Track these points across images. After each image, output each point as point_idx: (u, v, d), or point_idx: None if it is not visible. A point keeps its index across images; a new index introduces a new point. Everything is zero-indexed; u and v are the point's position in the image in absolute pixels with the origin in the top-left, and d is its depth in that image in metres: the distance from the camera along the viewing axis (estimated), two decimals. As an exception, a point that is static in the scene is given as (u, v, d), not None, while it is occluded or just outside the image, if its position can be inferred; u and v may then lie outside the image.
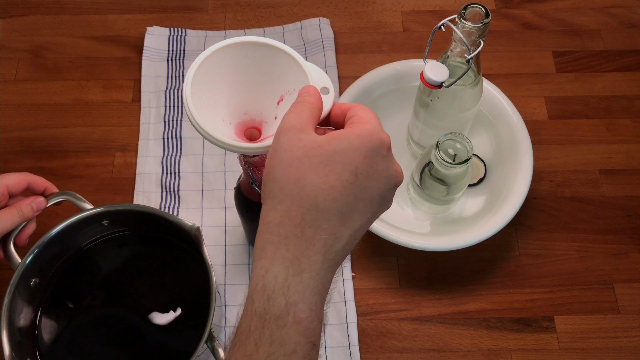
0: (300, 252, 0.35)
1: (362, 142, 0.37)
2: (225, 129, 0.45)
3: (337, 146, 0.36)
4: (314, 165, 0.36)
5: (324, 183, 0.35)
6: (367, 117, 0.38)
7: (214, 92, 0.44)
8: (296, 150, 0.36)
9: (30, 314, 0.61)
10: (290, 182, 0.36)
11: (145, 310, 0.63)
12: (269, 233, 0.36)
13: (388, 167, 0.38)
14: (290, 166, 0.36)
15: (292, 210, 0.35)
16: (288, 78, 0.44)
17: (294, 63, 0.43)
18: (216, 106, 0.44)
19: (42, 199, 0.62)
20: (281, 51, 0.44)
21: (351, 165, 0.36)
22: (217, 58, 0.44)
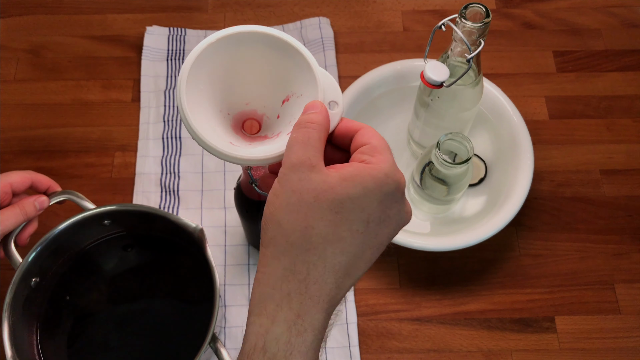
0: (304, 310, 0.32)
1: (377, 185, 0.33)
2: (223, 121, 0.42)
3: (351, 191, 0.33)
4: (323, 213, 0.33)
5: (333, 234, 0.33)
6: (382, 152, 0.35)
7: (214, 80, 0.41)
8: (305, 193, 0.33)
9: (31, 314, 0.61)
10: (297, 231, 0.33)
11: (147, 310, 0.63)
12: (269, 286, 0.33)
13: (400, 211, 0.35)
14: (299, 212, 0.33)
15: (297, 264, 0.33)
16: (297, 79, 0.41)
17: (305, 65, 0.40)
18: (215, 94, 0.41)
19: (45, 198, 0.61)
20: (295, 49, 0.40)
21: (364, 214, 0.33)
22: (225, 44, 0.41)
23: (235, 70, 0.41)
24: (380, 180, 0.33)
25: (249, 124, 0.42)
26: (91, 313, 0.63)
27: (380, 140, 0.36)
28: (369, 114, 0.79)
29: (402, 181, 0.35)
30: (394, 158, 0.35)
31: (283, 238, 0.33)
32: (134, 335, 0.62)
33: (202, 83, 0.40)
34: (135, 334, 0.62)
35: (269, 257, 0.33)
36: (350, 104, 0.77)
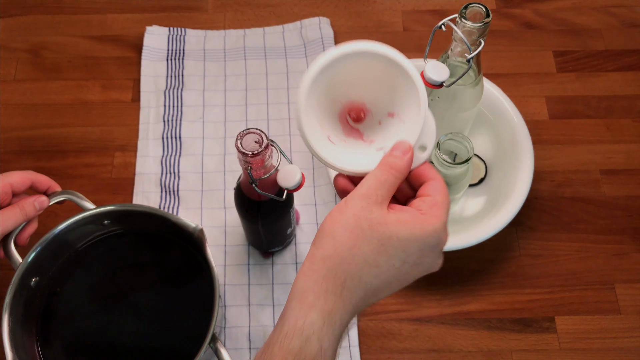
0: (336, 308, 0.38)
1: (422, 236, 0.39)
2: (331, 108, 0.47)
3: (400, 232, 0.39)
4: (371, 240, 0.38)
5: (373, 260, 0.39)
6: (439, 208, 0.40)
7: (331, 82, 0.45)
8: (364, 220, 0.39)
9: (31, 314, 0.61)
10: (346, 245, 0.38)
11: (147, 310, 0.63)
12: (312, 281, 0.38)
13: (433, 261, 0.41)
14: (352, 232, 0.39)
15: (338, 271, 0.38)
16: (407, 106, 0.45)
17: (417, 103, 0.44)
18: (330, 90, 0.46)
19: (45, 198, 0.61)
20: (415, 86, 0.44)
21: (404, 254, 0.39)
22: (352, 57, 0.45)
23: (353, 73, 0.45)
24: (427, 232, 0.39)
25: (355, 112, 0.47)
26: (91, 313, 0.63)
27: (443, 197, 0.41)
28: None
29: (444, 240, 0.41)
30: (448, 217, 0.41)
31: (333, 247, 0.39)
32: (134, 335, 0.62)
33: (321, 85, 0.45)
34: (135, 333, 0.62)
35: (318, 257, 0.39)
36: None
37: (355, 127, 0.49)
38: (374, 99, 0.47)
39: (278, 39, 0.88)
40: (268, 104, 0.83)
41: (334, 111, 0.47)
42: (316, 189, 0.77)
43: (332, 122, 0.47)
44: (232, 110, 0.83)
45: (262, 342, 0.69)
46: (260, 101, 0.83)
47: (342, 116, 0.48)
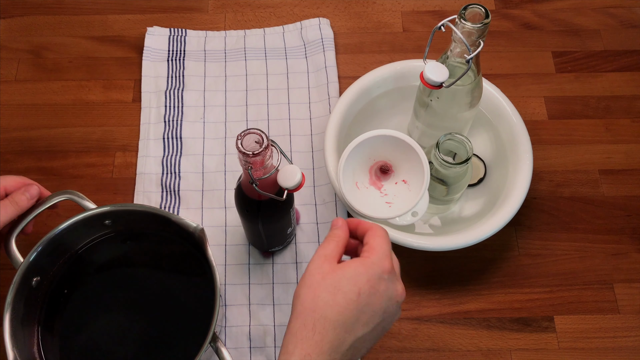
0: (312, 350, 0.45)
1: (366, 269, 0.47)
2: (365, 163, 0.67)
3: (347, 272, 0.47)
4: (327, 287, 0.47)
5: (332, 300, 0.46)
6: (376, 246, 0.49)
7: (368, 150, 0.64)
8: (317, 275, 0.48)
9: (32, 313, 0.61)
10: (309, 299, 0.47)
11: (148, 310, 0.63)
12: (290, 334, 0.46)
13: (389, 288, 0.48)
14: (310, 286, 0.47)
15: (307, 320, 0.46)
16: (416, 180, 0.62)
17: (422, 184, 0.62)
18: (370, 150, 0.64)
19: (35, 187, 0.61)
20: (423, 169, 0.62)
21: (355, 287, 0.47)
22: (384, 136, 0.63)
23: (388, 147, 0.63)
24: (367, 266, 0.48)
25: (386, 166, 0.66)
26: (92, 312, 0.64)
27: (377, 239, 0.50)
28: (369, 114, 0.80)
29: (388, 266, 0.48)
30: (388, 250, 0.50)
31: (300, 304, 0.47)
32: (134, 335, 0.63)
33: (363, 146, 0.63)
34: (135, 333, 0.63)
35: (292, 317, 0.47)
36: (350, 104, 0.77)
37: (378, 180, 0.67)
38: (399, 166, 0.63)
39: (278, 40, 0.88)
40: (268, 105, 0.83)
41: (366, 164, 0.66)
42: (316, 189, 0.78)
43: (362, 172, 0.66)
44: (233, 110, 0.83)
45: (262, 342, 0.69)
46: (260, 102, 0.84)
47: (371, 169, 0.66)
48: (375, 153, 0.66)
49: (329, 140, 0.73)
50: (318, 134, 0.81)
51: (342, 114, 0.76)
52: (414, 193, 0.64)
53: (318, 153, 0.80)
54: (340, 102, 0.77)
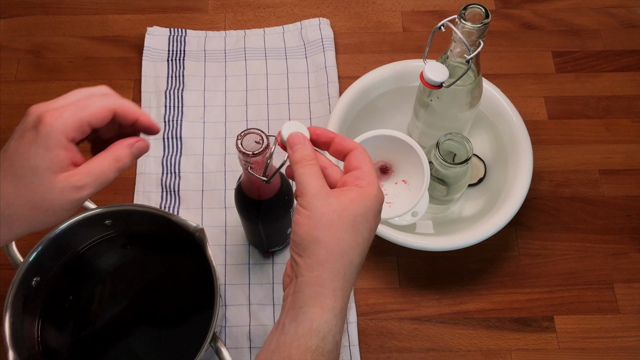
0: (344, 302, 0.42)
1: (373, 204, 0.43)
2: None
3: (359, 209, 0.43)
4: (346, 227, 0.42)
5: (355, 242, 0.42)
6: (371, 176, 0.44)
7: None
8: (331, 213, 0.42)
9: (32, 313, 0.61)
10: (332, 243, 0.41)
11: (148, 310, 0.63)
12: (319, 285, 0.41)
13: (379, 219, 0.46)
14: (329, 228, 0.41)
15: (338, 267, 0.41)
16: (416, 180, 0.59)
17: (422, 184, 0.58)
18: (370, 150, 0.58)
19: (145, 142, 0.49)
20: (423, 167, 0.58)
21: (368, 224, 0.43)
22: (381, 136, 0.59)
23: (390, 146, 0.60)
24: (373, 200, 0.44)
25: (386, 166, 0.62)
26: (92, 312, 0.64)
27: (368, 164, 0.45)
28: (369, 114, 0.80)
29: (383, 197, 0.45)
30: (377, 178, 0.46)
31: (323, 249, 0.41)
32: (134, 335, 0.63)
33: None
34: (135, 333, 0.63)
35: (313, 264, 0.42)
36: (350, 104, 0.77)
37: (378, 180, 0.61)
38: (399, 166, 0.62)
39: (278, 40, 0.88)
40: (268, 105, 0.83)
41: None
42: (316, 189, 0.78)
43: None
44: (233, 110, 0.83)
45: (262, 341, 0.69)
46: (260, 101, 0.84)
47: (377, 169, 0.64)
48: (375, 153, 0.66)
49: (329, 140, 0.73)
50: (318, 134, 0.81)
51: (342, 114, 0.76)
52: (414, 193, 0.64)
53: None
54: (340, 102, 0.76)
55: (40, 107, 0.43)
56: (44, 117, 0.41)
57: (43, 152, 0.41)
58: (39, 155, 0.41)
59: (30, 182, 0.41)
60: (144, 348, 0.62)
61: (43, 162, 0.41)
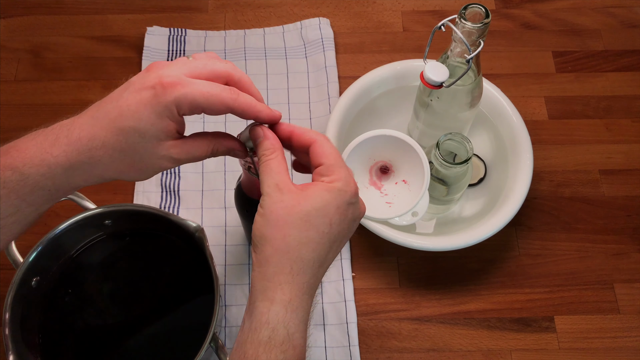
0: (294, 294, 0.42)
1: (334, 197, 0.43)
2: (366, 163, 0.62)
3: (315, 204, 0.42)
4: (295, 222, 0.42)
5: (305, 237, 0.42)
6: (335, 169, 0.43)
7: (365, 149, 0.60)
8: (280, 210, 0.42)
9: (31, 313, 0.61)
10: (278, 239, 0.41)
11: (148, 310, 0.63)
12: (266, 280, 0.42)
13: (355, 210, 0.45)
14: (276, 226, 0.42)
15: (283, 263, 0.42)
16: (416, 180, 0.60)
17: (422, 184, 0.59)
18: (365, 154, 0.61)
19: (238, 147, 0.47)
20: (423, 167, 0.59)
21: (326, 219, 0.42)
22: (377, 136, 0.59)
23: (389, 146, 0.60)
24: (335, 194, 0.43)
25: (386, 166, 0.62)
26: (91, 312, 0.64)
27: (332, 157, 0.44)
28: (369, 114, 0.80)
29: (353, 190, 0.44)
30: (346, 168, 0.44)
31: (270, 246, 0.42)
32: (134, 335, 0.63)
33: (362, 147, 0.59)
34: (135, 333, 0.63)
35: (262, 260, 0.42)
36: (350, 104, 0.77)
37: (378, 180, 0.64)
38: (399, 166, 0.62)
39: (278, 40, 0.88)
40: (268, 104, 0.83)
41: (367, 164, 0.63)
42: (316, 189, 0.78)
43: (363, 172, 0.63)
44: (233, 110, 0.83)
45: (262, 342, 0.69)
46: (260, 101, 0.83)
47: (371, 169, 0.63)
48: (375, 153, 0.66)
49: (329, 140, 0.73)
50: (318, 134, 0.81)
51: (342, 114, 0.76)
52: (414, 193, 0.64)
53: (318, 153, 0.80)
54: (340, 102, 0.76)
55: (163, 69, 0.42)
56: (167, 85, 0.41)
57: (155, 119, 0.42)
58: (150, 121, 0.42)
59: (134, 142, 0.42)
60: (144, 348, 0.62)
61: (152, 129, 0.42)
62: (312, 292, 0.43)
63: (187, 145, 0.44)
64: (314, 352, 0.69)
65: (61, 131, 0.43)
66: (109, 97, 0.43)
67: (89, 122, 0.43)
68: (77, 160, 0.42)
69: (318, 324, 0.70)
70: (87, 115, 0.43)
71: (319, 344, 0.69)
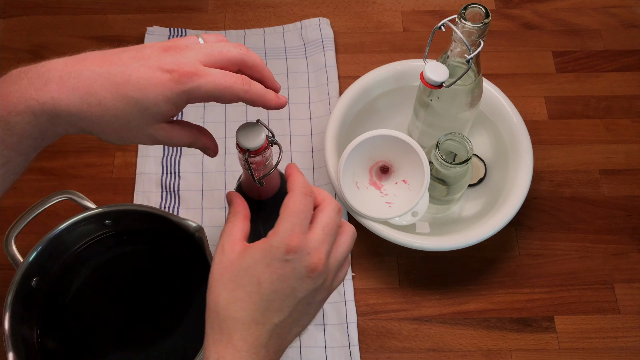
0: (225, 351, 0.42)
1: (264, 255, 0.43)
2: (366, 162, 0.66)
3: (245, 263, 0.43)
4: (225, 283, 0.43)
5: (233, 297, 0.43)
6: (282, 224, 0.43)
7: (366, 149, 0.63)
8: (215, 272, 0.44)
9: (31, 313, 0.61)
10: (212, 300, 0.44)
11: (148, 310, 0.63)
12: (205, 339, 0.44)
13: (295, 267, 0.43)
14: (211, 287, 0.44)
15: (214, 323, 0.43)
16: (416, 180, 0.62)
17: (422, 184, 0.62)
18: (370, 150, 0.64)
19: (216, 149, 0.50)
20: (423, 168, 0.62)
21: (254, 278, 0.43)
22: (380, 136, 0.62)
23: (390, 146, 0.63)
24: (265, 250, 0.43)
25: (386, 166, 0.65)
26: (91, 313, 0.64)
27: (285, 210, 0.44)
28: (369, 114, 0.80)
29: (290, 247, 0.42)
30: (292, 221, 0.43)
31: (207, 308, 0.44)
32: (133, 335, 0.63)
33: (363, 147, 0.62)
34: (135, 333, 0.63)
35: (205, 322, 0.45)
36: (350, 104, 0.77)
37: (378, 180, 0.67)
38: (399, 166, 0.63)
39: (278, 40, 0.88)
40: (268, 104, 0.83)
41: (367, 164, 0.66)
42: (316, 189, 0.78)
43: (363, 172, 0.66)
44: (233, 110, 0.83)
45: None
46: (260, 101, 0.83)
47: (371, 169, 0.66)
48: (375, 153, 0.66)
49: (329, 140, 0.73)
50: (318, 134, 0.81)
51: (342, 114, 0.76)
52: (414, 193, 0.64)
53: (318, 153, 0.80)
54: (340, 102, 0.76)
55: (181, 53, 0.43)
56: (184, 74, 0.42)
57: (162, 102, 0.42)
58: (156, 101, 0.42)
59: (131, 112, 0.42)
60: (144, 348, 0.62)
61: (155, 109, 0.42)
62: (254, 349, 0.43)
63: (172, 132, 0.45)
64: (313, 352, 0.69)
65: (52, 74, 0.41)
66: (114, 57, 0.43)
67: (88, 75, 0.41)
68: (66, 110, 0.41)
69: (318, 324, 0.70)
70: (85, 66, 0.42)
71: (319, 343, 0.69)
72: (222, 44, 0.45)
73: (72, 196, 0.64)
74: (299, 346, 0.69)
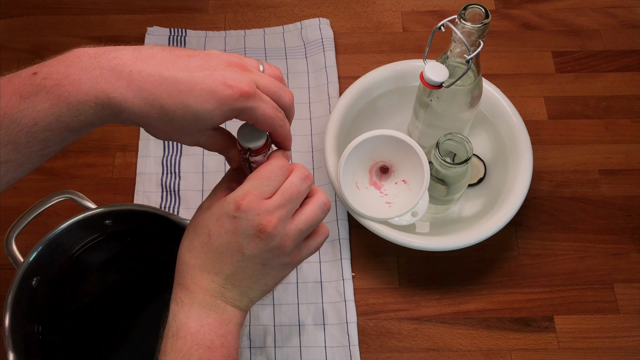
0: (182, 293, 0.47)
1: (217, 209, 0.46)
2: (365, 163, 0.66)
3: (203, 215, 0.48)
4: (188, 232, 0.48)
5: (190, 245, 0.47)
6: (239, 187, 0.47)
7: (367, 149, 0.64)
8: (188, 224, 0.50)
9: (32, 313, 0.61)
10: (181, 250, 0.49)
11: (148, 310, 0.63)
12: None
13: (241, 225, 0.45)
14: (182, 238, 0.49)
15: (177, 268, 0.48)
16: (416, 180, 0.63)
17: (422, 185, 0.63)
18: (370, 151, 0.64)
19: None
20: (423, 170, 0.63)
21: (206, 229, 0.47)
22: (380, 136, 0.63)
23: (390, 146, 0.63)
24: (220, 205, 0.46)
25: (386, 165, 0.66)
26: (92, 313, 0.64)
27: (249, 177, 0.47)
28: (369, 114, 0.80)
29: (238, 205, 0.45)
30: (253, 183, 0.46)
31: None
32: (134, 335, 0.63)
33: (363, 147, 0.64)
34: (135, 333, 0.63)
35: None
36: (350, 104, 0.77)
37: (378, 180, 0.67)
38: (399, 166, 0.64)
39: (278, 40, 0.88)
40: (268, 105, 0.83)
41: (367, 164, 0.66)
42: (316, 189, 0.78)
43: (363, 172, 0.66)
44: (233, 110, 0.83)
45: (262, 342, 0.69)
46: (260, 101, 0.84)
47: (371, 169, 0.67)
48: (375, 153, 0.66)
49: (329, 140, 0.73)
50: (318, 134, 0.81)
51: (342, 114, 0.76)
52: (414, 193, 0.64)
53: (318, 153, 0.80)
54: (340, 102, 0.77)
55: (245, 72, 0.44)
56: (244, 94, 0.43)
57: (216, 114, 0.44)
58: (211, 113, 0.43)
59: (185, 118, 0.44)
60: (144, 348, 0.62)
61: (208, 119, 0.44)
62: (207, 293, 0.46)
63: (215, 138, 0.48)
64: (313, 351, 0.69)
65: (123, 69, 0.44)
66: (181, 61, 0.43)
67: (156, 77, 0.43)
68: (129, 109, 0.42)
69: (318, 324, 0.70)
70: (153, 67, 0.43)
71: (319, 343, 0.69)
72: (278, 82, 0.47)
73: (73, 196, 0.64)
74: (299, 346, 0.69)
